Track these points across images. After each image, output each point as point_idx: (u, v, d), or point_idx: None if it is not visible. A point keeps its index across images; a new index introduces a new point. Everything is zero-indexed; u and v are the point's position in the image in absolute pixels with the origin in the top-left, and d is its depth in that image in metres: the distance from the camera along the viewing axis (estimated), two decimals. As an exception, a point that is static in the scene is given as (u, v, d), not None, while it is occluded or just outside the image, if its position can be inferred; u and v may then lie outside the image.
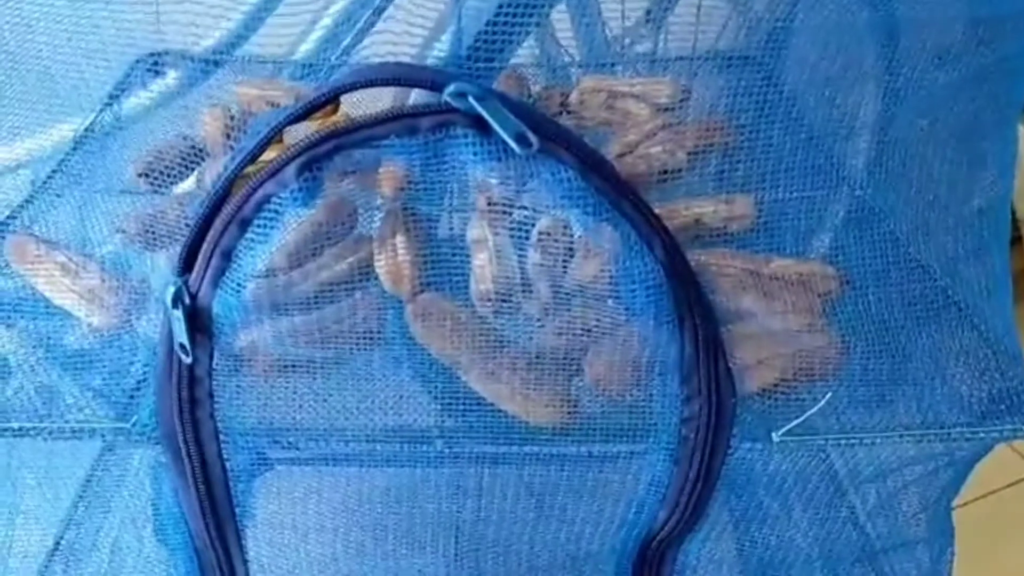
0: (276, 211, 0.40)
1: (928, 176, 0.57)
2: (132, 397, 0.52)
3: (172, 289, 0.42)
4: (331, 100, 0.41)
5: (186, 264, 0.43)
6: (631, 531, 0.50)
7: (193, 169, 0.63)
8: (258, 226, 0.41)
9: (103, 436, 0.51)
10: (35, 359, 0.55)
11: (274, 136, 0.42)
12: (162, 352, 0.46)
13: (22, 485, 0.62)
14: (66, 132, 0.63)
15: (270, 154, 0.45)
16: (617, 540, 0.51)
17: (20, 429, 0.52)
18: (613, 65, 0.84)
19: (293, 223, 0.42)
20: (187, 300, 0.43)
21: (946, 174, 0.56)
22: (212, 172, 0.62)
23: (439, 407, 0.48)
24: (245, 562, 0.52)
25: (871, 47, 0.57)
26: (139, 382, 0.52)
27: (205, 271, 0.42)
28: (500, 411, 0.49)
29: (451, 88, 0.39)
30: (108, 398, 0.53)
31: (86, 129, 0.64)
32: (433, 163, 0.46)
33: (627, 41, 0.87)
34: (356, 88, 0.41)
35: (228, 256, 0.41)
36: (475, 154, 0.41)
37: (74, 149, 0.64)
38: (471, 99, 0.39)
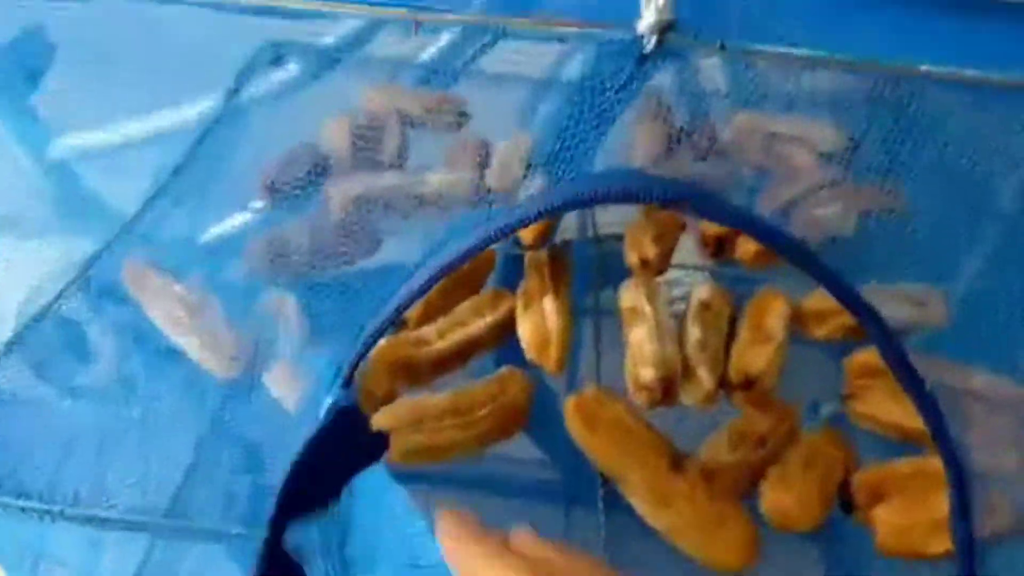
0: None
1: None
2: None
3: (331, 402, 0.37)
4: (544, 217, 0.34)
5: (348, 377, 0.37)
6: None
7: (318, 183, 0.58)
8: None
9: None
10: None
11: (468, 258, 0.35)
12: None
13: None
14: (190, 114, 0.59)
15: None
16: None
17: (58, 512, 0.45)
18: (761, 99, 0.74)
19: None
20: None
21: None
22: (337, 188, 0.56)
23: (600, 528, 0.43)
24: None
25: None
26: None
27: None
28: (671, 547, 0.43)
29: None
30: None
31: (211, 120, 0.60)
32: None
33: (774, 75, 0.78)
34: (581, 205, 0.33)
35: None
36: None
37: (198, 144, 0.59)
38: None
